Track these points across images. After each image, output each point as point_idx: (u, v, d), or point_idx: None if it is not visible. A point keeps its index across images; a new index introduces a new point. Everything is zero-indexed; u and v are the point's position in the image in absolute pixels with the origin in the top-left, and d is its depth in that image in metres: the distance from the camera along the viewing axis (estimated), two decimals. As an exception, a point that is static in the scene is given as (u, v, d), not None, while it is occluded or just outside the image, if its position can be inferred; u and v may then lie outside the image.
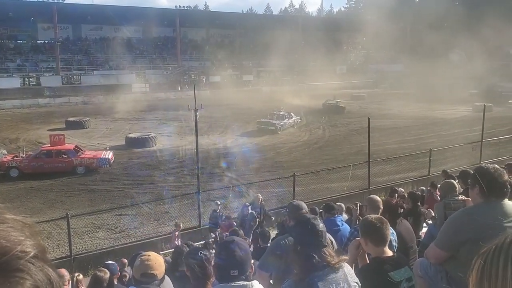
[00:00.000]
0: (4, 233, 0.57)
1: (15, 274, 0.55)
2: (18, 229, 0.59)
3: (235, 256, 2.51)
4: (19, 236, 0.58)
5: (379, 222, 3.15)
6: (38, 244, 0.60)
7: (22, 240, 0.58)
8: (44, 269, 0.58)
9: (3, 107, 43.33)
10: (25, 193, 18.38)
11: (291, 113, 33.42)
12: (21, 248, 0.57)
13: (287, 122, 32.30)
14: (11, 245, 0.56)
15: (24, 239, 0.58)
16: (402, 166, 20.05)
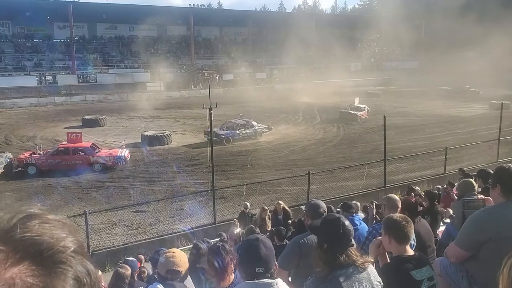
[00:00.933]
0: (48, 231, 0.64)
1: (59, 266, 0.62)
2: (60, 227, 0.67)
3: (260, 254, 2.54)
4: (61, 233, 0.66)
5: (404, 220, 3.17)
6: (77, 241, 0.67)
7: (64, 237, 0.65)
8: (83, 262, 0.65)
9: (20, 105, 43.98)
10: (43, 190, 18.65)
11: (251, 122, 29.54)
12: (63, 243, 0.64)
13: (241, 132, 28.17)
14: (54, 241, 0.64)
15: (66, 236, 0.66)
16: (417, 164, 19.91)
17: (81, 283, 0.63)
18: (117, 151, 22.30)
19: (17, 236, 0.62)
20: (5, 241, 0.61)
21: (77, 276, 0.63)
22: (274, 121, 34.78)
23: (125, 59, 62.02)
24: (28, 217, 0.66)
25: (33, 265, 0.60)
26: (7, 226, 0.63)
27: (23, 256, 0.60)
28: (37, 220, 0.65)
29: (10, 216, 0.65)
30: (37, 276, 0.59)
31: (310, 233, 4.15)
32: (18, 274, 0.58)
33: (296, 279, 4.05)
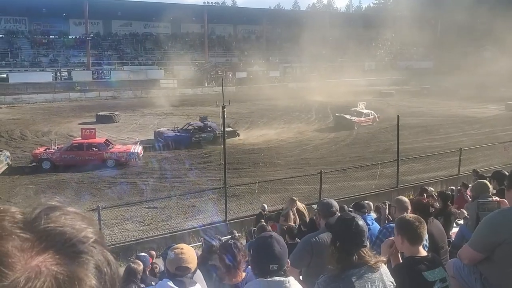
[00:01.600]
0: (70, 222, 0.67)
1: (81, 255, 0.64)
2: (79, 219, 0.69)
3: (274, 251, 2.55)
4: (81, 224, 0.68)
5: (417, 221, 3.15)
6: (97, 232, 0.70)
7: (84, 227, 0.68)
8: (104, 253, 0.68)
9: (35, 100, 44.50)
10: (56, 185, 18.87)
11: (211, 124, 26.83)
12: (84, 234, 0.67)
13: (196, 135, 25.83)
14: (76, 232, 0.66)
15: (86, 227, 0.68)
16: (431, 165, 19.74)
17: (102, 272, 0.66)
18: (130, 148, 22.46)
19: (41, 226, 0.64)
20: (30, 230, 0.63)
21: (98, 266, 0.65)
22: (287, 120, 34.76)
23: (139, 56, 62.42)
24: (50, 208, 0.68)
25: (57, 255, 0.62)
26: (31, 217, 0.66)
27: (47, 245, 0.63)
28: (59, 212, 0.68)
29: (33, 208, 0.68)
30: (61, 265, 0.61)
31: (323, 231, 4.15)
32: (43, 263, 0.60)
33: (307, 278, 4.04)
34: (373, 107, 40.71)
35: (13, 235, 0.62)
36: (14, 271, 0.58)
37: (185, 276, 3.22)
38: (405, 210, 4.72)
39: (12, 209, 0.67)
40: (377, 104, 42.82)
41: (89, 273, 0.64)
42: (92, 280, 0.63)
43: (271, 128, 31.79)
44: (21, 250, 0.61)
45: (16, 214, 0.66)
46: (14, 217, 0.65)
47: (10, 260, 0.59)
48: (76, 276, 0.62)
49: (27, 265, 0.59)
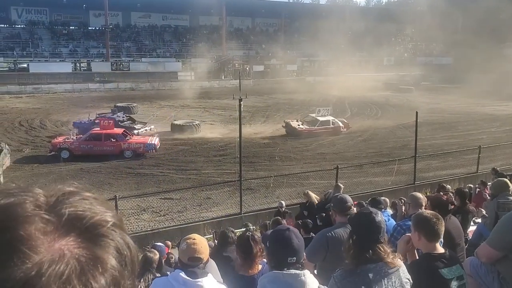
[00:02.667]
0: (89, 206, 0.68)
1: (102, 238, 0.65)
2: (98, 203, 0.70)
3: (292, 244, 2.55)
4: (101, 208, 0.69)
5: (435, 217, 3.11)
6: (116, 215, 0.71)
7: (104, 211, 0.69)
8: (123, 236, 0.69)
9: (55, 90, 45.11)
10: (75, 174, 19.11)
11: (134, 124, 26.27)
12: (104, 218, 0.68)
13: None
14: (96, 216, 0.67)
15: (105, 211, 0.69)
16: (449, 162, 19.48)
17: (122, 254, 0.66)
18: (148, 139, 22.62)
19: (63, 210, 0.65)
20: (52, 214, 0.64)
21: (118, 248, 0.66)
22: (304, 114, 34.61)
23: (157, 48, 62.75)
24: (69, 193, 0.69)
25: (79, 238, 0.63)
26: (51, 201, 0.66)
27: (69, 229, 0.63)
28: (78, 197, 0.69)
29: (53, 192, 0.68)
30: (83, 248, 0.62)
31: (338, 226, 4.13)
32: (66, 246, 0.61)
33: (322, 272, 4.04)
34: (391, 103, 40.45)
35: (36, 217, 0.62)
36: (38, 253, 0.59)
37: (197, 267, 3.24)
38: (419, 207, 4.67)
39: (36, 190, 0.68)
40: (395, 100, 42.44)
41: (110, 255, 0.65)
42: (114, 262, 0.65)
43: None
44: (44, 233, 0.61)
45: (39, 196, 0.66)
46: (37, 199, 0.65)
47: (34, 243, 0.59)
48: (98, 258, 0.63)
49: (50, 248, 0.60)
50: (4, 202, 0.63)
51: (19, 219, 0.61)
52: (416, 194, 5.09)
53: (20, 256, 0.58)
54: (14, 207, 0.63)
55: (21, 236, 0.60)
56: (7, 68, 51.94)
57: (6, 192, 0.65)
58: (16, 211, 0.62)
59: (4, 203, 0.63)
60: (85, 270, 0.61)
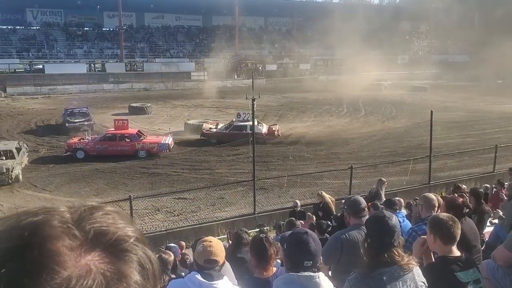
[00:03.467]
0: (112, 222, 0.70)
1: (125, 253, 0.67)
2: (120, 218, 0.72)
3: (310, 248, 2.55)
4: (122, 224, 0.71)
5: (451, 220, 3.08)
6: (137, 230, 0.72)
7: (125, 226, 0.70)
8: (145, 250, 0.70)
9: (70, 91, 45.57)
10: (90, 174, 19.33)
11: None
12: (127, 233, 0.69)
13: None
14: (119, 231, 0.69)
15: (126, 226, 0.71)
16: (464, 162, 19.26)
17: (145, 268, 0.68)
18: (161, 139, 22.76)
19: (88, 226, 0.67)
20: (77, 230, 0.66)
21: (141, 263, 0.68)
22: (317, 113, 34.53)
23: (171, 49, 63.07)
24: (92, 208, 0.71)
25: (103, 253, 0.65)
26: (75, 217, 0.68)
27: (94, 244, 0.65)
28: (101, 212, 0.71)
29: (76, 208, 0.70)
30: (108, 263, 0.64)
31: (353, 228, 4.12)
32: (91, 261, 0.63)
33: (336, 274, 4.03)
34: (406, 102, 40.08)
35: (63, 234, 0.64)
36: (66, 269, 0.60)
37: (213, 269, 3.25)
38: (432, 209, 4.59)
39: (61, 208, 0.70)
40: (409, 99, 42.05)
41: (134, 270, 0.66)
42: (137, 276, 0.66)
43: (301, 121, 31.66)
44: (71, 249, 0.63)
45: (64, 213, 0.68)
46: (63, 216, 0.67)
47: (62, 259, 0.61)
48: (122, 273, 0.65)
49: (77, 264, 0.62)
50: (31, 220, 0.65)
51: (46, 235, 0.63)
52: (429, 195, 5.00)
53: (49, 272, 0.59)
54: (42, 225, 0.64)
55: (49, 252, 0.61)
56: (23, 69, 52.61)
57: (33, 212, 0.67)
58: (44, 228, 0.64)
59: (31, 221, 0.65)
60: (110, 285, 0.63)
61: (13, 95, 43.19)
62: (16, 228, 0.64)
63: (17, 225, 0.65)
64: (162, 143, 22.10)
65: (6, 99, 41.54)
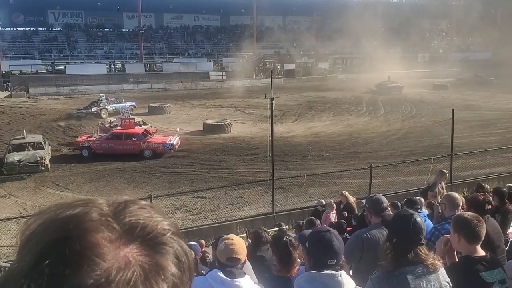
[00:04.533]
0: (148, 215, 0.71)
1: (162, 246, 0.68)
2: (155, 212, 0.73)
3: (333, 246, 2.55)
4: (158, 217, 0.72)
5: (476, 219, 3.03)
6: (173, 224, 0.73)
7: (161, 220, 0.72)
8: (180, 243, 0.72)
9: (91, 92, 46.19)
10: (111, 173, 19.58)
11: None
12: (163, 226, 0.71)
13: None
14: (156, 225, 0.70)
15: (162, 219, 0.72)
16: (487, 161, 18.91)
17: (180, 261, 0.69)
18: (167, 139, 22.64)
19: (126, 219, 0.68)
20: (116, 222, 0.67)
21: (177, 255, 0.69)
22: (336, 112, 34.34)
23: (189, 49, 63.46)
24: (128, 202, 0.72)
25: (141, 246, 0.66)
26: (113, 210, 0.69)
27: (131, 237, 0.66)
28: (137, 206, 0.72)
29: (112, 202, 0.72)
30: (146, 255, 0.65)
31: (374, 227, 4.09)
32: (130, 253, 0.64)
33: (357, 273, 4.00)
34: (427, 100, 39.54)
35: (102, 226, 0.65)
36: (106, 261, 0.62)
37: (235, 267, 3.27)
38: (456, 208, 4.52)
39: (99, 200, 0.71)
40: (430, 97, 41.50)
41: (170, 262, 0.67)
42: (174, 269, 0.67)
43: (320, 120, 31.53)
44: (110, 241, 0.64)
45: (103, 206, 0.69)
46: (101, 209, 0.68)
47: (101, 251, 0.62)
48: (160, 266, 0.66)
49: (116, 256, 0.63)
50: (71, 213, 0.67)
51: (86, 228, 0.64)
52: (453, 194, 4.93)
53: (89, 263, 0.61)
54: (82, 217, 0.66)
55: (89, 244, 0.62)
56: (45, 70, 53.60)
57: (72, 204, 0.69)
58: (83, 220, 0.65)
59: (71, 213, 0.67)
60: (149, 277, 0.64)
61: (36, 95, 44.03)
62: (56, 221, 0.66)
63: (57, 218, 0.66)
64: (167, 143, 22.03)
65: (29, 99, 42.35)
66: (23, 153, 19.45)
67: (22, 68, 51.56)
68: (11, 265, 0.66)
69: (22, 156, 19.21)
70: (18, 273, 0.62)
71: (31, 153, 19.52)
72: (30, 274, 0.60)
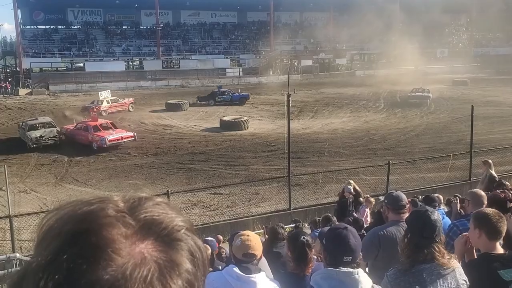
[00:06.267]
0: (163, 211, 0.71)
1: (177, 242, 0.69)
2: (169, 208, 0.73)
3: (350, 243, 2.54)
4: (173, 214, 0.72)
5: (497, 215, 3.00)
6: (187, 220, 0.74)
7: (176, 216, 0.72)
8: (194, 239, 0.72)
9: (109, 88, 46.51)
10: (129, 169, 19.82)
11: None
12: (178, 222, 0.71)
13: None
14: (171, 221, 0.70)
15: (177, 216, 0.72)
16: (507, 158, 18.56)
17: (195, 257, 0.70)
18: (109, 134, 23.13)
19: (141, 215, 0.69)
20: (131, 218, 0.68)
21: (191, 252, 0.70)
22: (353, 108, 34.11)
23: (206, 46, 63.64)
24: (143, 199, 0.73)
25: (156, 242, 0.67)
26: (128, 206, 0.70)
27: (147, 233, 0.67)
28: (151, 202, 0.72)
29: (128, 198, 0.72)
30: (161, 251, 0.66)
31: (391, 224, 4.07)
32: (145, 249, 0.65)
33: (374, 270, 3.99)
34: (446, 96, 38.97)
35: (118, 222, 0.66)
36: (122, 256, 0.62)
37: (251, 263, 3.29)
38: (480, 206, 4.46)
39: (115, 197, 0.72)
40: (449, 93, 40.91)
41: (185, 258, 0.68)
42: (188, 265, 0.68)
43: (337, 117, 31.36)
44: (125, 237, 0.65)
45: (118, 203, 0.70)
46: (117, 205, 0.69)
47: (117, 246, 0.63)
48: (174, 262, 0.66)
49: (132, 251, 0.63)
50: (87, 209, 0.67)
51: (102, 223, 0.65)
52: (478, 191, 4.85)
53: (106, 259, 0.61)
54: (98, 212, 0.67)
55: (106, 239, 0.63)
56: (65, 67, 54.38)
57: (88, 201, 0.70)
58: (100, 215, 0.66)
59: (88, 209, 0.67)
60: (164, 273, 0.64)
61: (56, 92, 44.74)
62: (73, 216, 0.66)
63: (74, 213, 0.67)
64: (102, 138, 22.65)
65: (49, 96, 43.06)
66: (41, 131, 23.23)
67: (42, 66, 52.45)
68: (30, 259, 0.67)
69: (42, 133, 23.04)
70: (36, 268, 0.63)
71: (48, 130, 23.43)
72: (47, 268, 0.61)
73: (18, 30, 53.86)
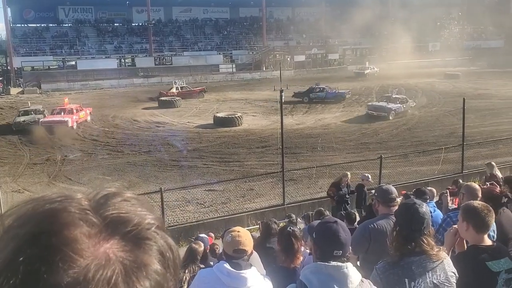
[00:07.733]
0: (132, 209, 0.67)
1: (145, 241, 0.65)
2: (139, 205, 0.69)
3: (339, 237, 2.55)
4: (142, 211, 0.68)
5: (486, 209, 3.03)
6: (158, 217, 0.70)
7: (145, 214, 0.68)
8: (165, 238, 0.68)
9: (102, 86, 46.50)
10: (122, 167, 19.75)
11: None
12: (147, 221, 0.67)
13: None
14: (139, 219, 0.66)
15: (147, 213, 0.68)
16: (499, 150, 18.72)
17: (165, 257, 0.66)
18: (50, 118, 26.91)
19: (106, 213, 0.65)
20: (95, 217, 0.64)
21: (161, 251, 0.66)
22: (346, 103, 34.16)
23: (198, 42, 63.43)
24: (111, 194, 0.69)
25: (122, 241, 0.63)
26: (93, 204, 0.66)
27: (112, 232, 0.63)
28: (120, 198, 0.68)
29: (94, 194, 0.69)
30: (127, 251, 0.62)
31: (381, 218, 4.10)
32: (110, 249, 0.61)
33: (365, 264, 4.02)
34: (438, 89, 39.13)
35: (81, 221, 0.62)
36: (84, 257, 0.59)
37: (241, 259, 3.30)
38: (475, 198, 4.50)
39: (78, 195, 0.68)
40: (441, 87, 41.08)
41: (153, 258, 0.64)
42: (157, 265, 0.64)
43: (330, 112, 31.40)
44: (89, 237, 0.61)
45: (82, 201, 0.66)
46: (80, 204, 0.65)
47: (79, 246, 0.59)
48: (142, 262, 0.63)
49: (96, 252, 0.60)
50: (48, 207, 0.64)
51: (64, 222, 0.61)
52: (473, 184, 4.89)
53: (66, 260, 0.58)
54: (59, 211, 0.63)
55: (67, 239, 0.59)
56: (57, 66, 54.02)
57: (50, 198, 0.66)
58: (61, 215, 0.62)
59: (48, 208, 0.63)
60: (130, 274, 0.61)
61: (48, 91, 44.42)
62: (33, 216, 0.63)
63: (34, 212, 0.63)
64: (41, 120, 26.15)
65: (41, 95, 42.76)
66: (27, 116, 27.11)
67: (34, 64, 52.03)
68: None
69: (26, 118, 26.75)
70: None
71: (32, 116, 27.12)
72: (4, 271, 0.58)
73: (8, 29, 53.36)
